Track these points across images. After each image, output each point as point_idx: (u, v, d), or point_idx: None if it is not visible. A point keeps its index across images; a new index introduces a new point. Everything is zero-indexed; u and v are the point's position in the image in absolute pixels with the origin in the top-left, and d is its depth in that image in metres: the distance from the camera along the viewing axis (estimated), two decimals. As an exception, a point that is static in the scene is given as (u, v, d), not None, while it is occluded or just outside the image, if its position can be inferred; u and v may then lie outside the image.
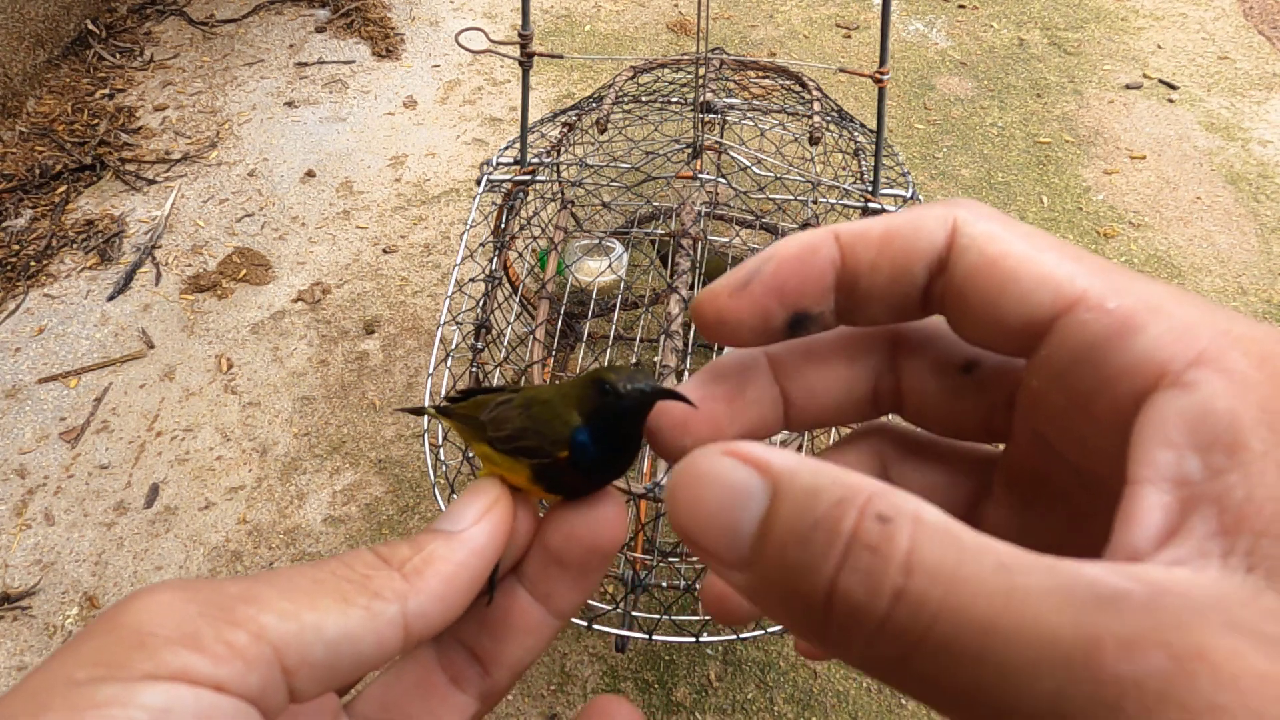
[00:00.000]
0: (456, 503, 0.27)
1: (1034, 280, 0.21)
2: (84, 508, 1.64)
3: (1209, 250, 2.17)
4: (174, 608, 0.20)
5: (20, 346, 1.91)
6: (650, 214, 1.72)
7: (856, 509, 0.17)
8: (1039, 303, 0.21)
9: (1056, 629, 0.15)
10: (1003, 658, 0.15)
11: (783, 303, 0.24)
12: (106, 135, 2.42)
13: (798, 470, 0.18)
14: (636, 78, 1.58)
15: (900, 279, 0.23)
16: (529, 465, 0.28)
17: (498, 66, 2.71)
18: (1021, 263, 0.21)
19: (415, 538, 0.25)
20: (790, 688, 1.41)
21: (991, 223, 0.22)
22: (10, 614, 1.50)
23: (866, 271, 0.23)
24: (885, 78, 1.25)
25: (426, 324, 1.97)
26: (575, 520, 0.28)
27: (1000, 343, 0.22)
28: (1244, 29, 2.95)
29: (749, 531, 0.18)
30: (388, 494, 1.67)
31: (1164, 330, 0.19)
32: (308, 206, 2.26)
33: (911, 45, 2.87)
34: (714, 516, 0.19)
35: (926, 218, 0.23)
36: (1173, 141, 2.49)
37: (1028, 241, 0.22)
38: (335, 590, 0.23)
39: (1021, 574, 0.15)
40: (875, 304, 0.24)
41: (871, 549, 0.16)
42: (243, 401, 1.82)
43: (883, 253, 0.23)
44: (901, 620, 0.16)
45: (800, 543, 0.17)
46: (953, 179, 2.36)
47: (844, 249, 0.23)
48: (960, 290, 0.22)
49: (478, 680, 0.28)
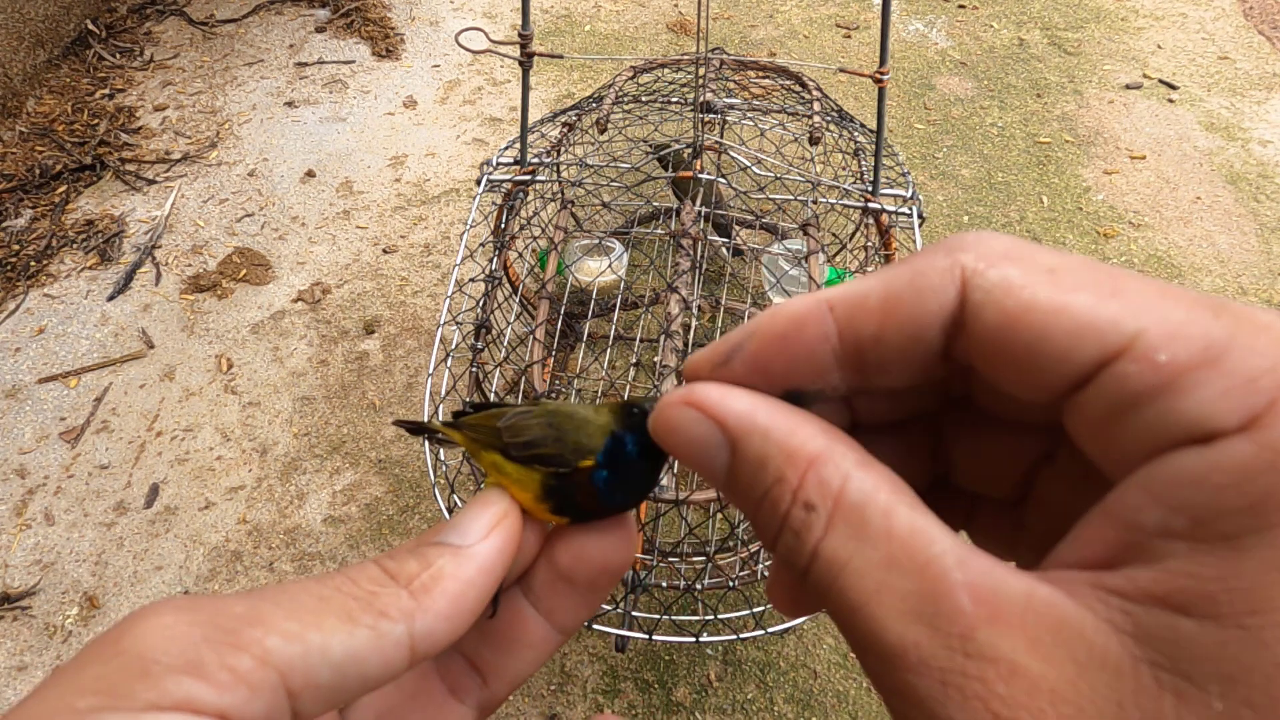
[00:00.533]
0: (464, 513, 0.26)
1: (1069, 334, 0.18)
2: (84, 508, 1.64)
3: (1209, 250, 2.17)
4: (177, 631, 0.20)
5: (20, 346, 1.91)
6: (650, 214, 1.72)
7: (790, 492, 0.20)
8: (1079, 361, 0.18)
9: (885, 631, 0.18)
10: (856, 638, 0.19)
11: (768, 383, 0.22)
12: (106, 135, 2.42)
13: (750, 433, 0.21)
14: (636, 78, 1.58)
15: (911, 348, 0.20)
16: (542, 477, 0.27)
17: (498, 66, 2.71)
18: (1051, 315, 0.18)
19: (421, 551, 0.25)
20: (790, 688, 1.41)
21: (1006, 266, 0.19)
22: (10, 614, 1.50)
23: (871, 345, 0.21)
24: (885, 78, 1.25)
25: (426, 324, 1.97)
26: (586, 539, 0.27)
27: (1040, 399, 0.19)
28: (1244, 29, 2.95)
29: (721, 471, 0.22)
30: (388, 494, 1.67)
31: (1219, 390, 0.16)
32: (308, 206, 2.26)
33: (911, 45, 2.87)
34: (691, 459, 0.22)
35: (929, 273, 0.20)
36: (1173, 141, 2.49)
37: (1053, 283, 0.18)
38: (341, 609, 0.22)
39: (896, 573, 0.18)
40: (890, 374, 0.21)
41: (795, 533, 0.20)
42: (243, 401, 1.82)
43: (886, 323, 0.20)
44: (812, 578, 0.20)
45: (754, 504, 0.21)
46: (953, 179, 2.36)
47: (840, 321, 0.21)
48: (983, 354, 0.19)
49: (476, 691, 0.28)
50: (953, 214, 2.26)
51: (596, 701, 1.39)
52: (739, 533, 1.18)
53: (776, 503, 0.20)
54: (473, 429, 0.31)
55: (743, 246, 1.70)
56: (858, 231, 1.55)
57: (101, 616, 1.50)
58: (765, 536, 0.21)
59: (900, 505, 0.19)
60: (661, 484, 1.01)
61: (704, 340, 1.74)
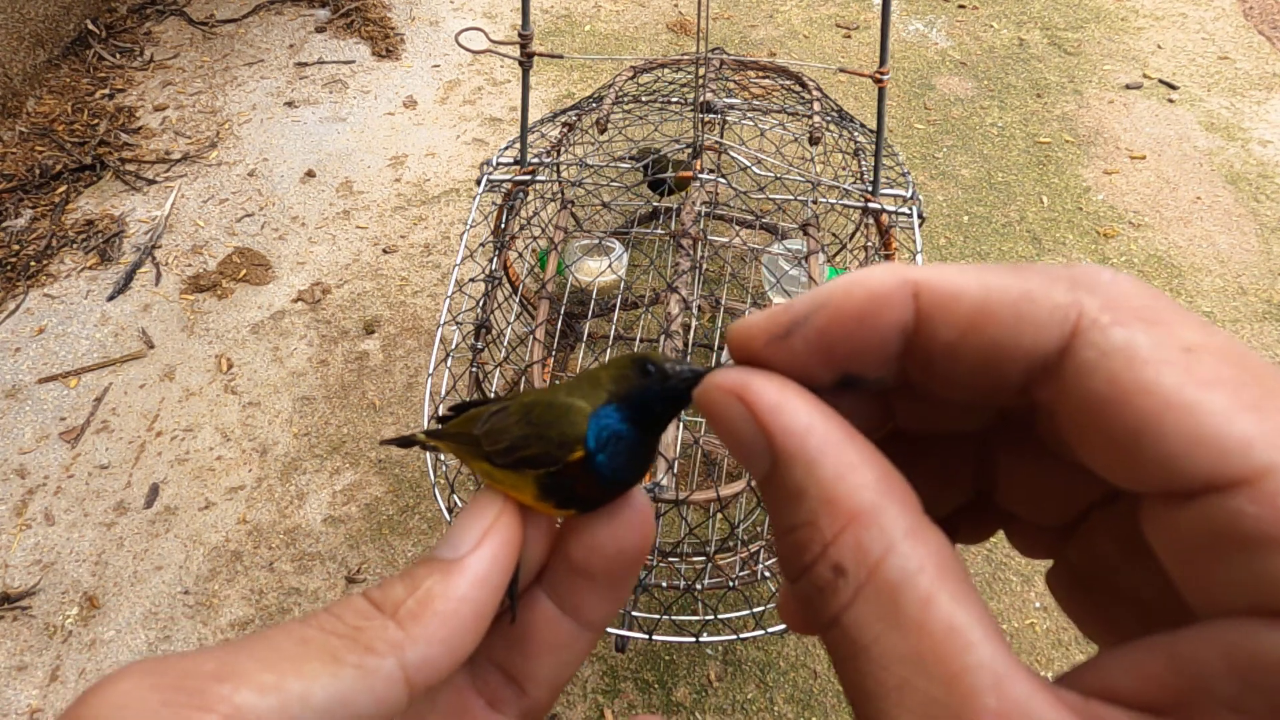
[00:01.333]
0: (455, 523, 0.25)
1: (1188, 441, 0.15)
2: (84, 508, 1.64)
3: (1209, 250, 2.17)
4: (137, 699, 0.18)
5: (20, 346, 1.91)
6: (650, 214, 1.72)
7: (820, 544, 0.18)
8: (1186, 473, 0.15)
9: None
10: (860, 713, 0.17)
11: (829, 364, 0.19)
12: (106, 135, 2.42)
13: (795, 460, 0.19)
14: (636, 78, 1.58)
15: (987, 373, 0.18)
16: (534, 478, 0.25)
17: (498, 66, 2.71)
18: (1173, 410, 0.15)
19: (411, 571, 0.23)
20: (790, 688, 1.41)
21: (1135, 329, 0.16)
22: (10, 614, 1.50)
23: (943, 352, 0.18)
24: (885, 78, 1.25)
25: (426, 324, 1.97)
26: (597, 528, 0.25)
27: (1124, 485, 0.17)
28: (1244, 29, 2.95)
29: (760, 474, 0.20)
30: (388, 494, 1.67)
31: None
32: (308, 206, 2.26)
33: (911, 45, 2.87)
34: (730, 447, 0.20)
35: (1041, 301, 0.17)
36: (1173, 141, 2.49)
37: (1187, 370, 0.15)
38: (324, 650, 0.21)
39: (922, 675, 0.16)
40: (954, 389, 0.19)
41: (818, 589, 0.18)
42: (243, 401, 1.82)
43: (970, 335, 0.18)
44: (828, 639, 0.18)
45: (781, 529, 0.19)
46: (953, 179, 2.36)
47: (922, 315, 0.18)
48: (1074, 420, 0.17)
49: (515, 700, 0.26)
50: (953, 214, 2.26)
51: (596, 702, 1.39)
52: (739, 533, 1.18)
53: (802, 548, 0.18)
54: (454, 439, 0.29)
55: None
56: (858, 231, 1.55)
57: (101, 616, 1.50)
58: (786, 568, 0.19)
59: (942, 594, 0.17)
60: (661, 484, 1.01)
61: (704, 340, 1.74)
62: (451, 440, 0.30)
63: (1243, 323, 1.99)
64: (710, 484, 1.60)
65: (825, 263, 1.35)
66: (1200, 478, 0.15)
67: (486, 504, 0.25)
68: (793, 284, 1.50)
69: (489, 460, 0.27)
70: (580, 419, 0.25)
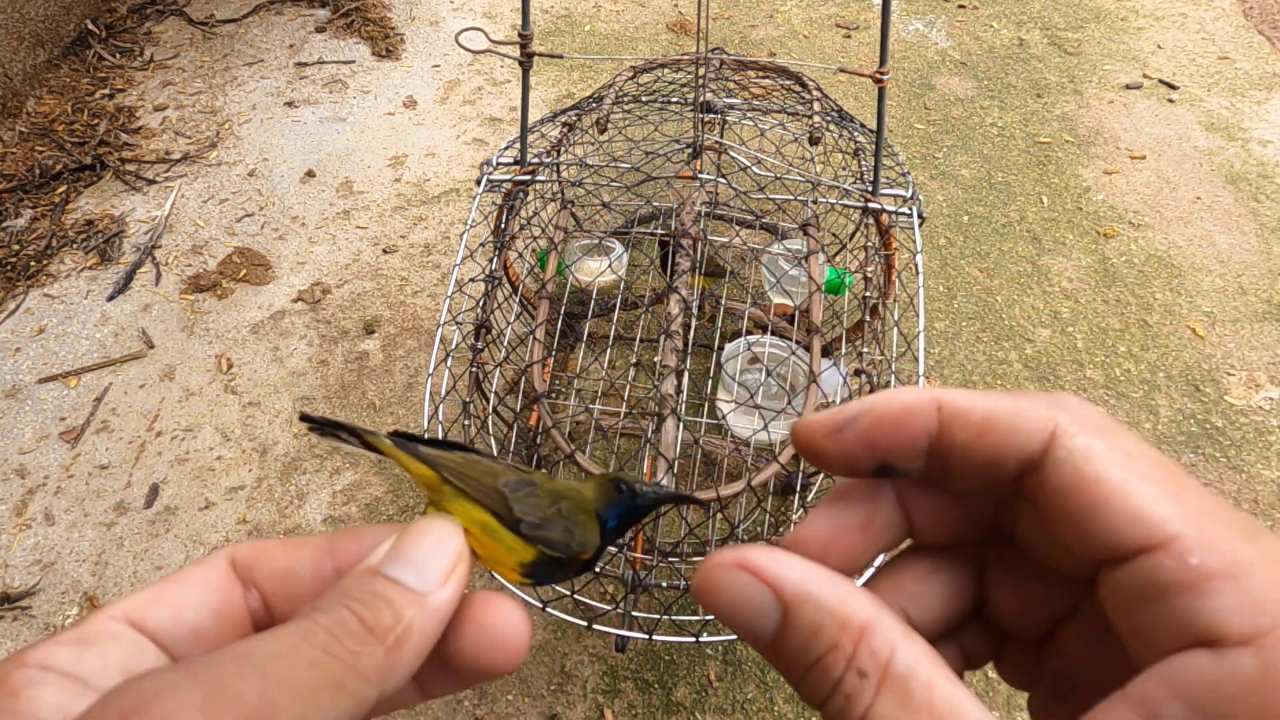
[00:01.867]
0: (421, 545, 0.25)
1: (1125, 515, 0.21)
2: (84, 508, 1.64)
3: (1209, 250, 2.17)
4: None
5: (20, 346, 1.91)
6: (650, 214, 1.72)
7: (845, 659, 0.22)
8: (1124, 539, 0.21)
9: None
10: None
11: (872, 455, 0.25)
12: (106, 135, 2.42)
13: (805, 601, 0.23)
14: (636, 78, 1.58)
15: (991, 467, 0.24)
16: (536, 554, 0.29)
17: (498, 66, 2.71)
18: (1115, 492, 0.21)
19: (388, 596, 0.24)
20: (790, 688, 1.41)
21: (1093, 437, 0.22)
22: (10, 614, 1.50)
23: (959, 451, 0.24)
24: (885, 78, 1.25)
25: (426, 324, 1.97)
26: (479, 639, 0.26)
27: (1082, 553, 0.22)
28: (1244, 29, 2.95)
29: (768, 633, 0.23)
30: (388, 494, 1.67)
31: (1234, 603, 0.19)
32: (308, 206, 2.26)
33: (911, 45, 2.87)
34: (735, 619, 0.24)
35: (1030, 415, 0.23)
36: (1173, 141, 2.49)
37: (1127, 467, 0.22)
38: (331, 678, 0.22)
39: None
40: (966, 479, 0.25)
41: (846, 697, 0.21)
42: (243, 401, 1.82)
43: (978, 440, 0.23)
44: None
45: (804, 667, 0.23)
46: (953, 179, 2.36)
47: (943, 423, 0.24)
48: (1049, 501, 0.22)
49: None
50: (953, 214, 2.26)
51: (596, 702, 1.39)
52: (739, 533, 1.18)
53: (830, 669, 0.22)
54: (458, 476, 0.29)
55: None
56: (858, 231, 1.55)
57: (101, 616, 1.50)
58: (811, 697, 0.23)
59: (941, 679, 0.21)
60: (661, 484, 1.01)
61: (704, 340, 1.74)
62: (452, 475, 0.30)
63: (1243, 323, 1.99)
64: (710, 484, 1.60)
65: (825, 263, 1.35)
66: (1135, 541, 0.21)
67: (451, 539, 0.26)
68: (792, 284, 1.50)
69: (502, 520, 0.29)
70: (593, 529, 0.31)
